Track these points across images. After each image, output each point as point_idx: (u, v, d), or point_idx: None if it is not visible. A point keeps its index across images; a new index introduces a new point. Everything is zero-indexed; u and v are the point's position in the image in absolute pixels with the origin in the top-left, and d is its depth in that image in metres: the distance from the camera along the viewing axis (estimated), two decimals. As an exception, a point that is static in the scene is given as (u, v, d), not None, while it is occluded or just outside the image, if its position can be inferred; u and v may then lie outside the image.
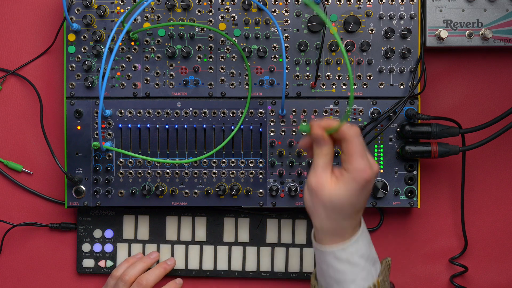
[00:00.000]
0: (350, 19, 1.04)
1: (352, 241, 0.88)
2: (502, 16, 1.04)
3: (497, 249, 1.11)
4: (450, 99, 1.10)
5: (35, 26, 1.11)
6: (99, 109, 0.91)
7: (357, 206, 0.87)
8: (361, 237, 0.89)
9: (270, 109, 1.05)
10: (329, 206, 0.86)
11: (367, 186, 0.86)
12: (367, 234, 0.91)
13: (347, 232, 0.88)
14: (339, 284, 0.89)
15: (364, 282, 0.88)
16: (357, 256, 0.88)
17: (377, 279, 0.90)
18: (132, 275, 1.05)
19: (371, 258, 0.90)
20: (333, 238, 0.88)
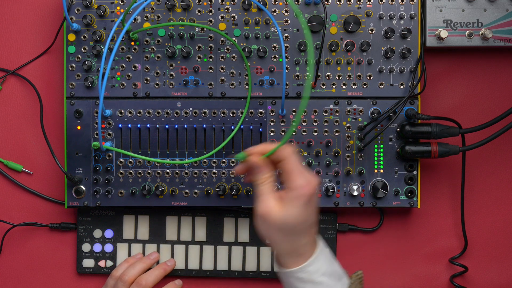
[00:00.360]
0: (350, 19, 1.04)
1: (311, 260, 0.90)
2: (502, 16, 1.04)
3: (497, 249, 1.11)
4: (450, 99, 1.10)
5: (35, 26, 1.11)
6: (99, 109, 0.91)
7: (309, 221, 0.89)
8: (321, 255, 0.91)
9: (270, 109, 1.05)
10: (283, 228, 0.88)
11: (312, 199, 0.88)
12: (326, 251, 0.93)
13: (306, 251, 0.90)
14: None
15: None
16: (319, 275, 0.90)
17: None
18: (131, 275, 1.05)
19: (335, 275, 0.91)
20: (295, 259, 0.90)
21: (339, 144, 1.05)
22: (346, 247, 1.11)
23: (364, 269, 1.11)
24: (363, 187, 1.06)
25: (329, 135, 1.05)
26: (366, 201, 1.06)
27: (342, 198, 1.06)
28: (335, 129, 1.05)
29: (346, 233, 1.11)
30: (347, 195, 1.06)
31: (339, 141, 1.06)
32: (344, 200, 1.06)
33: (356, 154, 1.05)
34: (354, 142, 1.05)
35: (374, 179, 1.05)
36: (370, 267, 1.11)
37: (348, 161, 1.06)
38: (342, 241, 1.11)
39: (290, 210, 0.87)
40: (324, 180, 1.06)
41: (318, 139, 1.05)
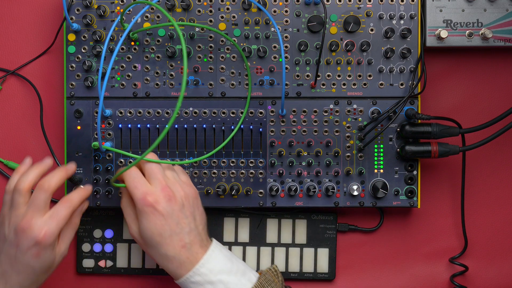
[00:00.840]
0: (350, 19, 1.04)
1: (201, 262, 0.92)
2: (502, 16, 1.04)
3: (497, 249, 1.11)
4: (450, 99, 1.10)
5: (35, 26, 1.11)
6: (98, 109, 0.91)
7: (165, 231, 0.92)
8: (213, 254, 0.93)
9: (270, 109, 1.05)
10: (145, 243, 0.94)
11: (157, 209, 0.91)
12: (222, 250, 0.95)
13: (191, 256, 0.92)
14: None
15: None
16: (214, 274, 0.91)
17: (252, 287, 0.92)
18: (26, 183, 0.93)
19: (237, 271, 0.93)
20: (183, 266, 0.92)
21: (339, 144, 1.06)
22: (346, 247, 1.11)
23: (364, 269, 1.11)
24: (363, 187, 1.06)
25: (329, 135, 1.05)
26: (366, 201, 1.06)
27: (342, 198, 1.06)
28: (335, 129, 1.05)
29: (346, 233, 1.11)
30: (347, 195, 1.06)
31: (339, 141, 1.06)
32: (344, 200, 1.06)
33: (356, 154, 1.05)
34: (354, 142, 1.05)
35: (374, 179, 1.05)
36: (370, 267, 1.11)
37: (348, 161, 1.06)
38: (342, 241, 1.11)
39: (141, 224, 0.93)
40: (324, 180, 1.06)
41: (318, 139, 1.05)
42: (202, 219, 0.97)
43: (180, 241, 0.92)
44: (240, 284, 0.92)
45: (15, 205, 0.94)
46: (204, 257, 0.92)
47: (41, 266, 0.94)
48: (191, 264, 0.92)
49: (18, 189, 0.93)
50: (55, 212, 0.93)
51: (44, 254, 0.93)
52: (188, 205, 0.94)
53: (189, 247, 0.92)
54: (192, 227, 0.94)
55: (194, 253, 0.92)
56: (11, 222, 0.93)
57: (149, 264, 1.10)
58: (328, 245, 1.10)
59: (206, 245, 0.94)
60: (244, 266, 0.95)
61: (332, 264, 1.10)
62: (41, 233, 0.91)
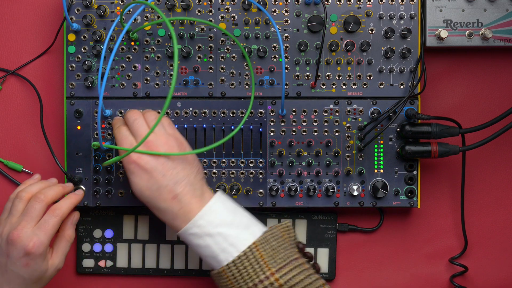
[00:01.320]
0: (350, 19, 1.04)
1: (199, 214, 0.90)
2: (502, 16, 1.04)
3: (497, 249, 1.11)
4: (450, 99, 1.10)
5: (35, 26, 1.11)
6: (98, 109, 0.91)
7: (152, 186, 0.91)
8: (214, 207, 0.91)
9: (270, 109, 1.05)
10: (142, 201, 0.94)
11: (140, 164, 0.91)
12: (225, 202, 0.93)
13: (187, 208, 0.91)
14: (214, 259, 0.91)
15: (235, 248, 0.89)
16: (213, 226, 0.90)
17: (253, 241, 0.90)
18: (28, 193, 0.97)
19: (238, 224, 0.91)
20: (181, 218, 0.91)
21: (339, 144, 1.06)
22: (346, 247, 1.11)
23: (364, 269, 1.11)
24: (363, 187, 1.06)
25: (329, 135, 1.05)
26: (366, 201, 1.06)
27: (342, 198, 1.06)
28: (335, 129, 1.05)
29: (346, 233, 1.11)
30: (347, 195, 1.06)
31: (339, 141, 1.06)
32: (344, 200, 1.06)
33: (356, 154, 1.05)
34: (354, 142, 1.05)
35: (374, 179, 1.05)
36: (370, 267, 1.11)
37: (348, 161, 1.06)
38: (342, 241, 1.11)
39: (130, 183, 0.93)
40: (324, 180, 1.06)
41: (318, 139, 1.05)
42: (193, 167, 0.94)
43: (169, 192, 0.91)
44: (241, 237, 0.90)
45: (12, 211, 0.96)
46: (204, 208, 0.91)
47: (31, 276, 0.94)
48: (185, 215, 0.91)
49: (20, 196, 0.96)
50: (42, 222, 0.95)
51: (34, 264, 0.94)
52: (174, 156, 0.93)
53: (180, 198, 0.91)
54: (181, 177, 0.92)
55: (187, 203, 0.91)
56: (5, 230, 0.95)
57: (149, 264, 1.10)
58: (328, 245, 1.10)
59: (202, 195, 0.93)
60: (249, 219, 0.93)
61: (332, 264, 1.10)
62: (30, 243, 0.92)
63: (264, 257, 0.89)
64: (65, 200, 0.99)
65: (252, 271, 0.89)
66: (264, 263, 0.89)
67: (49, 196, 0.96)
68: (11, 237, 0.93)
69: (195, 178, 0.94)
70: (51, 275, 0.98)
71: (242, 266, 0.89)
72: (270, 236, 0.91)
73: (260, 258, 0.89)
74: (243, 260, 0.89)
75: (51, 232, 0.95)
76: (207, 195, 0.93)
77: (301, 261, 0.91)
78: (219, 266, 0.91)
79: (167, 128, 0.96)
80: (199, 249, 0.92)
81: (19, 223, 0.94)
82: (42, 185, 0.99)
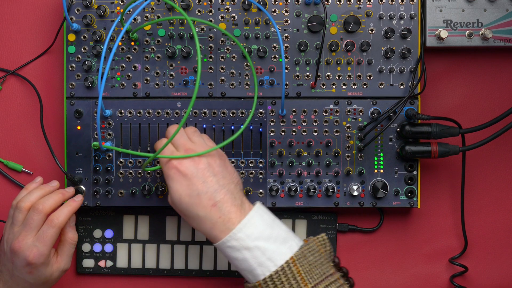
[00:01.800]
0: (350, 19, 1.04)
1: (238, 227, 0.89)
2: (502, 16, 1.04)
3: (497, 249, 1.11)
4: (450, 99, 1.10)
5: (35, 26, 1.11)
6: (98, 109, 0.91)
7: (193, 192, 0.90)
8: (252, 220, 0.90)
9: (270, 109, 1.05)
10: (179, 209, 0.93)
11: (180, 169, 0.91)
12: (263, 215, 0.92)
13: (223, 215, 0.90)
14: (251, 273, 0.90)
15: (272, 262, 0.88)
16: (252, 239, 0.89)
17: (291, 256, 0.88)
18: (27, 202, 0.99)
19: (276, 238, 0.89)
20: (220, 229, 0.90)
21: (339, 144, 1.06)
22: (346, 247, 1.11)
23: (364, 269, 1.11)
24: (363, 187, 1.06)
25: (329, 135, 1.05)
26: (366, 201, 1.06)
27: (342, 198, 1.06)
28: (335, 129, 1.05)
29: (346, 233, 1.11)
30: (347, 195, 1.06)
31: (339, 141, 1.06)
32: (344, 200, 1.06)
33: (356, 154, 1.05)
34: (354, 142, 1.05)
35: (374, 179, 1.05)
36: (370, 267, 1.11)
37: (348, 161, 1.06)
38: (342, 241, 1.11)
39: (169, 189, 0.92)
40: (324, 180, 1.06)
41: (318, 139, 1.05)
42: (233, 178, 0.94)
43: (209, 200, 0.90)
44: (278, 252, 0.89)
45: (14, 221, 0.99)
46: (243, 221, 0.89)
47: (37, 281, 0.99)
48: (224, 224, 0.90)
49: (19, 207, 0.99)
50: (41, 233, 0.97)
51: (37, 272, 0.98)
52: (214, 164, 0.93)
53: (220, 206, 0.90)
54: (221, 185, 0.91)
55: (226, 212, 0.90)
56: (9, 238, 0.98)
57: (149, 264, 1.10)
58: (328, 245, 1.10)
59: (242, 205, 0.92)
60: (286, 233, 0.91)
61: (332, 264, 1.10)
62: (31, 254, 0.96)
63: (301, 272, 0.88)
64: (63, 209, 1.00)
65: (288, 286, 0.88)
66: (301, 278, 0.88)
67: (47, 206, 0.98)
68: (13, 247, 0.97)
69: (235, 188, 0.93)
70: (58, 277, 1.02)
71: (278, 281, 0.88)
72: (307, 251, 0.90)
73: (297, 273, 0.88)
74: (280, 275, 0.88)
75: (50, 242, 0.97)
76: (246, 206, 0.92)
77: (336, 277, 0.91)
78: (254, 280, 0.90)
79: (207, 141, 0.98)
80: (235, 262, 0.90)
81: (20, 234, 0.97)
82: (42, 191, 1.01)
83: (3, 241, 1.00)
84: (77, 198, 1.03)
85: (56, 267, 1.01)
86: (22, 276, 0.98)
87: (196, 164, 0.92)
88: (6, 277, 1.00)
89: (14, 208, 1.00)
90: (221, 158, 0.95)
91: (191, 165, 0.91)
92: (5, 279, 1.00)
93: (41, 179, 1.04)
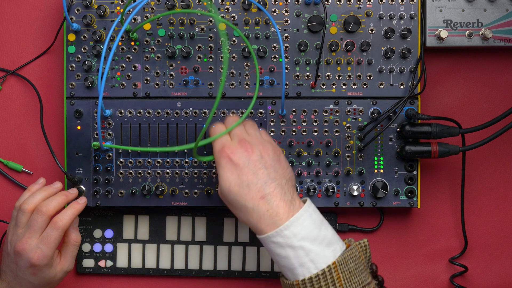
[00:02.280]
0: (350, 19, 1.04)
1: (286, 224, 0.87)
2: (502, 16, 1.04)
3: (497, 249, 1.11)
4: (450, 99, 1.10)
5: (35, 26, 1.11)
6: (98, 109, 0.91)
7: (243, 181, 0.90)
8: (301, 219, 0.88)
9: (270, 109, 1.05)
10: (226, 199, 0.92)
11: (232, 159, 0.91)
12: (313, 214, 0.90)
13: (270, 209, 0.88)
14: (290, 271, 0.88)
15: (314, 265, 0.87)
16: (297, 239, 0.87)
17: (333, 261, 0.87)
18: (31, 204, 0.99)
19: (322, 240, 0.88)
20: (267, 223, 0.89)
21: (339, 144, 1.06)
22: (346, 247, 1.11)
23: (364, 269, 1.11)
24: (363, 187, 1.06)
25: (329, 135, 1.05)
26: (366, 201, 1.06)
27: (342, 198, 1.06)
28: (335, 129, 1.05)
29: (346, 233, 1.11)
30: (347, 195, 1.06)
31: (339, 141, 1.06)
32: (344, 200, 1.06)
33: (356, 154, 1.05)
34: (354, 142, 1.05)
35: (374, 179, 1.05)
36: (370, 267, 1.11)
37: (348, 161, 1.06)
38: (342, 241, 1.11)
39: (219, 178, 0.92)
40: (324, 180, 1.06)
41: (318, 139, 1.05)
42: (285, 173, 0.93)
43: (259, 191, 0.89)
44: (322, 255, 0.87)
45: (17, 223, 0.99)
46: (292, 219, 0.88)
47: (40, 282, 1.00)
48: (271, 218, 0.88)
49: (22, 209, 0.99)
50: (45, 235, 0.98)
51: (40, 273, 0.99)
52: (267, 157, 0.92)
53: (269, 199, 0.89)
54: (272, 178, 0.90)
55: (274, 206, 0.89)
56: (13, 239, 0.99)
57: (149, 264, 1.10)
58: (328, 245, 1.10)
59: (292, 201, 0.90)
60: (332, 235, 0.90)
61: (332, 264, 1.10)
62: (34, 256, 0.97)
63: (341, 279, 0.87)
64: (66, 211, 1.00)
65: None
66: (340, 285, 0.87)
67: (51, 208, 0.99)
68: (16, 248, 0.97)
69: (286, 184, 0.92)
70: (61, 277, 1.02)
71: (317, 284, 0.87)
72: (349, 257, 0.89)
73: (337, 279, 0.87)
74: (320, 279, 0.87)
75: (54, 244, 0.98)
76: (297, 203, 0.91)
77: (373, 286, 0.90)
78: (293, 279, 0.89)
79: (264, 135, 0.97)
80: (277, 258, 0.89)
81: (23, 235, 0.98)
82: (46, 193, 1.01)
83: (7, 242, 1.00)
84: (80, 200, 1.04)
85: (60, 268, 1.01)
86: (25, 277, 0.98)
87: (249, 155, 0.91)
88: (9, 277, 1.00)
89: (17, 210, 1.00)
90: (275, 152, 0.94)
91: (244, 156, 0.91)
92: (8, 279, 1.00)
93: (44, 180, 1.05)
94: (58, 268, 1.01)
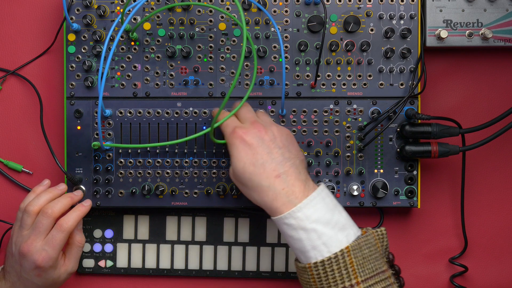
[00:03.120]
0: (350, 19, 1.04)
1: (299, 206, 0.87)
2: (502, 16, 1.04)
3: (497, 249, 1.11)
4: (450, 99, 1.10)
5: (35, 26, 1.11)
6: (98, 109, 0.91)
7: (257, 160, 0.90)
8: (315, 201, 0.88)
9: (270, 109, 1.05)
10: (240, 180, 0.92)
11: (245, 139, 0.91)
12: (326, 198, 0.90)
13: (286, 187, 0.88)
14: (303, 254, 0.88)
15: (327, 248, 0.87)
16: (310, 221, 0.87)
17: (347, 245, 0.87)
18: (36, 206, 0.99)
19: (335, 224, 0.88)
20: (280, 198, 0.88)
21: (339, 144, 1.06)
22: (346, 247, 1.11)
23: (364, 269, 1.11)
24: (363, 187, 1.06)
25: (329, 135, 1.05)
26: (366, 201, 1.06)
27: (342, 198, 1.06)
28: (335, 129, 1.05)
29: (346, 233, 1.11)
30: (347, 195, 1.06)
31: (339, 141, 1.06)
32: (344, 200, 1.06)
33: (356, 154, 1.05)
34: (354, 142, 1.05)
35: (374, 179, 1.05)
36: (370, 267, 1.11)
37: (348, 161, 1.06)
38: (342, 241, 1.11)
39: (233, 158, 0.91)
40: (324, 180, 1.06)
41: (318, 139, 1.05)
42: (298, 154, 0.93)
43: (274, 170, 0.89)
44: (335, 239, 0.87)
45: (22, 225, 0.99)
46: (305, 200, 0.88)
47: (45, 283, 1.01)
48: (287, 196, 0.88)
49: (28, 210, 0.99)
50: (50, 237, 0.98)
51: (45, 275, 0.99)
52: (280, 138, 0.92)
53: (284, 178, 0.89)
54: (286, 158, 0.91)
55: (290, 185, 0.89)
56: (17, 241, 0.99)
57: (149, 264, 1.11)
58: (328, 245, 1.10)
59: (307, 181, 0.90)
60: (346, 220, 0.89)
61: (332, 264, 1.10)
62: (40, 258, 0.97)
63: (354, 264, 0.87)
64: (72, 214, 1.01)
65: (338, 275, 0.86)
66: (353, 270, 0.86)
67: (56, 210, 0.99)
68: (21, 250, 0.98)
69: (300, 164, 0.92)
70: (65, 279, 1.03)
71: (330, 268, 0.86)
72: (364, 243, 0.88)
73: (350, 264, 0.87)
74: (332, 262, 0.86)
75: (59, 246, 0.98)
76: (311, 184, 0.91)
77: (388, 274, 0.89)
78: (306, 261, 0.88)
79: (278, 126, 0.96)
80: (290, 240, 0.89)
81: (28, 237, 0.98)
82: (51, 195, 1.01)
83: (11, 244, 1.01)
84: (85, 203, 1.04)
85: (64, 269, 1.02)
86: (29, 278, 0.99)
87: (262, 135, 0.91)
88: (14, 278, 1.00)
89: (22, 211, 1.00)
90: (288, 134, 0.95)
91: (257, 136, 0.91)
92: (12, 280, 1.00)
93: (49, 182, 1.05)
94: (62, 269, 1.01)
